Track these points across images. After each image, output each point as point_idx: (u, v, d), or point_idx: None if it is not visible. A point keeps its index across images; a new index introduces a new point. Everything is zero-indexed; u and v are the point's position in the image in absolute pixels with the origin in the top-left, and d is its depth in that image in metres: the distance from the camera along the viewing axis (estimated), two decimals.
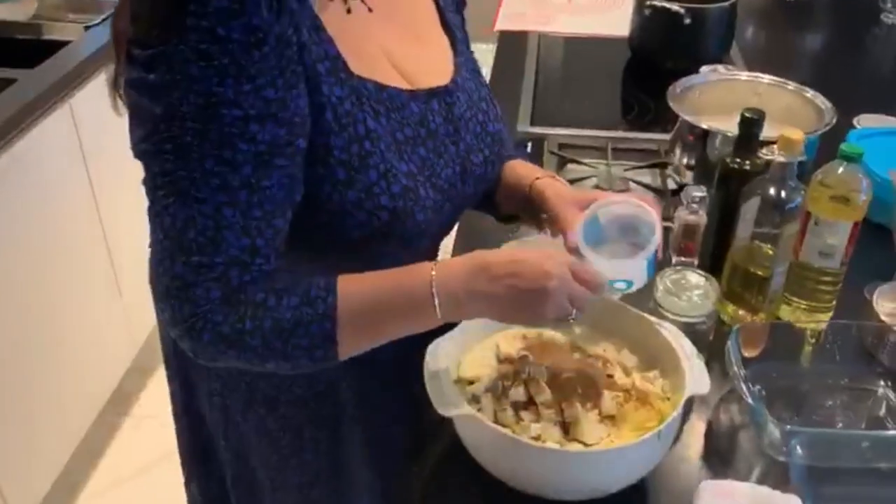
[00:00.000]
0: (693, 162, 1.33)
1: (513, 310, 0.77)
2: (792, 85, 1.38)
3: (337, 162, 0.77)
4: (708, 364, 0.89)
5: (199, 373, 0.97)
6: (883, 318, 1.02)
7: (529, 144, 1.50)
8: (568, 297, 0.76)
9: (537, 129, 1.57)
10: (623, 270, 0.84)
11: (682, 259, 1.18)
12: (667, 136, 1.41)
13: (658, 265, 0.87)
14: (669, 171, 1.39)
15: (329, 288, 0.76)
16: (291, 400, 0.93)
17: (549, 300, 0.75)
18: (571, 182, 1.39)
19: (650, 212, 0.85)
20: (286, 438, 0.96)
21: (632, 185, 1.39)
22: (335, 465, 0.99)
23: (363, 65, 0.80)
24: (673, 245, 1.19)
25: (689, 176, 1.34)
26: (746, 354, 0.97)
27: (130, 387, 2.24)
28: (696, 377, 0.84)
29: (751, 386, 0.91)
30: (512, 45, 1.99)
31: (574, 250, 0.84)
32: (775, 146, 0.98)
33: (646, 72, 1.84)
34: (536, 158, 1.45)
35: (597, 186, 1.39)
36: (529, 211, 0.97)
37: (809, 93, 1.36)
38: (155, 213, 0.74)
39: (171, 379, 1.05)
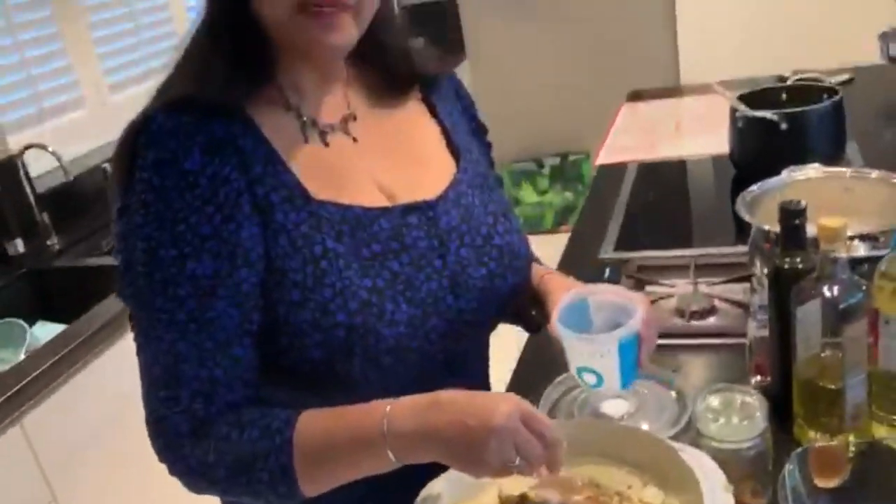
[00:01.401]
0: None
1: (458, 449, 0.72)
2: (876, 174, 1.24)
3: (291, 284, 0.79)
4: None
5: None
6: None
7: (608, 270, 1.43)
8: (514, 444, 0.70)
9: (619, 255, 1.50)
10: (591, 355, 0.81)
11: (758, 380, 1.05)
12: None
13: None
14: (754, 283, 1.26)
15: (289, 421, 0.76)
16: None
17: (492, 441, 0.69)
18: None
19: (634, 301, 0.83)
20: None
21: (717, 302, 1.28)
22: None
23: (332, 188, 0.84)
24: (748, 365, 1.07)
25: None
26: (820, 484, 0.82)
27: None
28: None
29: None
30: (610, 174, 1.95)
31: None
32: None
33: (750, 184, 1.73)
34: (613, 283, 1.38)
35: (678, 307, 1.29)
36: (538, 309, 0.94)
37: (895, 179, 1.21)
38: (136, 353, 0.80)
39: None
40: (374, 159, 0.91)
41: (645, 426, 0.99)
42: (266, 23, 0.83)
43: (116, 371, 1.69)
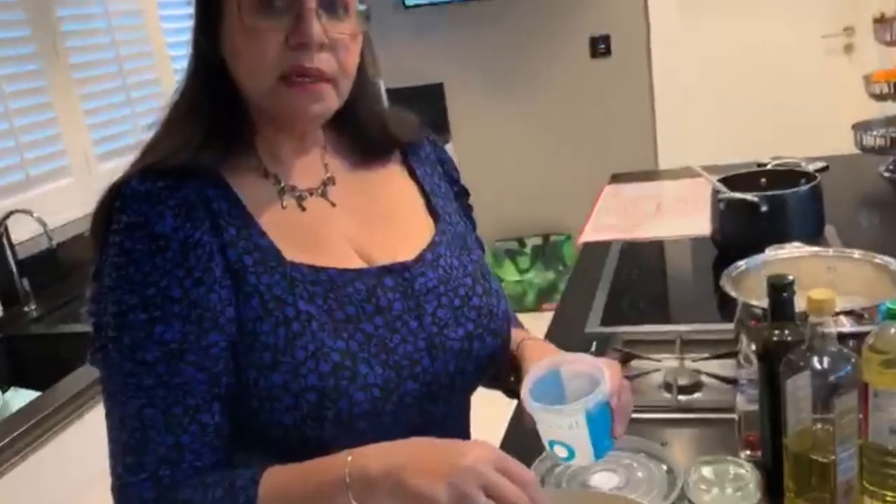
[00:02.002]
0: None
1: (424, 486, 0.70)
2: (858, 253, 1.27)
3: (263, 346, 0.79)
4: None
5: None
6: None
7: (595, 343, 1.44)
8: (482, 484, 0.69)
9: (606, 329, 1.51)
10: (560, 427, 0.80)
11: (749, 454, 1.04)
12: None
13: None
14: (740, 359, 1.27)
15: (254, 479, 0.76)
16: None
17: (457, 479, 0.69)
18: (634, 377, 1.31)
19: (602, 369, 0.82)
20: None
21: (703, 377, 1.29)
22: None
23: (307, 250, 0.85)
24: (738, 439, 1.07)
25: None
26: None
27: None
28: None
29: None
30: (594, 252, 1.98)
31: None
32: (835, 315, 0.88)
33: (732, 263, 1.76)
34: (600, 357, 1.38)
35: (665, 382, 1.29)
36: (516, 375, 0.93)
37: (879, 258, 1.24)
38: (104, 417, 0.80)
39: None
40: (351, 222, 0.92)
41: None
42: (247, 92, 0.86)
43: (90, 439, 1.64)
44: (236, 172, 0.87)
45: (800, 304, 1.02)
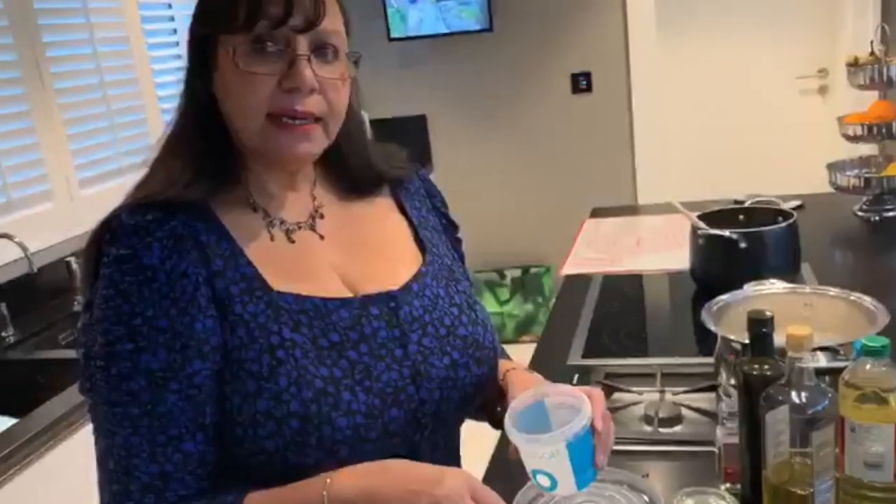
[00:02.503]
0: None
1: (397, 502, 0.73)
2: (833, 291, 1.30)
3: (247, 374, 0.81)
4: None
5: None
6: None
7: (577, 376, 1.45)
8: None
9: (587, 361, 1.53)
10: (541, 457, 0.81)
11: (729, 486, 1.06)
12: None
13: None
14: (720, 392, 1.29)
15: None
16: None
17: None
18: (615, 409, 1.32)
19: (584, 400, 0.83)
20: None
21: (684, 410, 1.30)
22: None
23: (293, 280, 0.87)
24: (718, 471, 1.08)
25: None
26: None
27: None
28: None
29: None
30: (575, 285, 2.00)
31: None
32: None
33: (710, 298, 1.79)
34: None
35: (645, 414, 1.31)
36: (502, 405, 0.94)
37: (854, 296, 1.27)
38: (94, 444, 0.81)
39: None
40: (339, 254, 0.94)
41: None
42: (237, 131, 0.88)
43: (67, 466, 1.62)
44: (226, 206, 0.89)
45: (779, 340, 1.04)
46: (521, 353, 1.61)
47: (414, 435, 0.91)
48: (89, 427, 0.85)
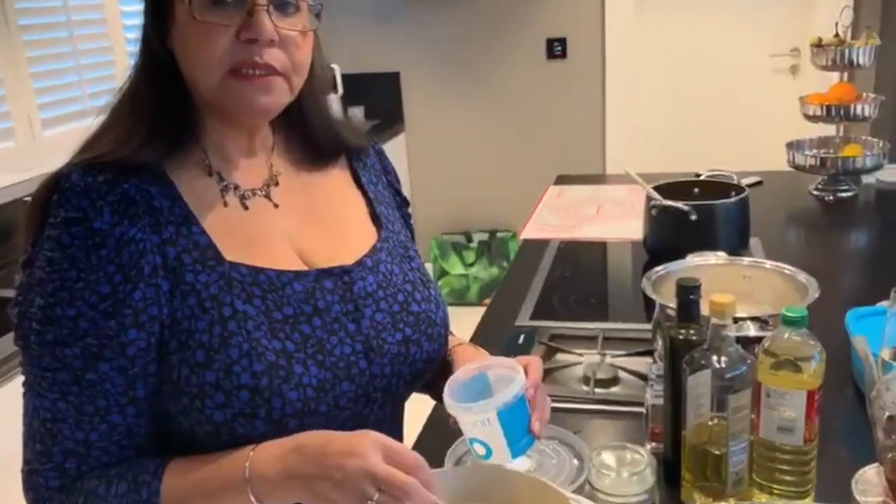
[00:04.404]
0: None
1: (317, 488, 0.74)
2: (769, 264, 1.34)
3: (197, 344, 0.80)
4: None
5: None
6: None
7: (522, 336, 1.49)
8: (371, 479, 0.72)
9: (535, 323, 1.56)
10: (474, 425, 0.83)
11: (654, 445, 1.11)
12: None
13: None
14: (655, 356, 1.33)
15: (156, 472, 0.78)
16: None
17: (347, 479, 0.72)
18: (556, 369, 1.36)
19: (518, 368, 0.85)
20: None
21: (620, 373, 1.35)
22: None
23: (246, 250, 0.86)
24: (645, 432, 1.13)
25: None
26: None
27: None
28: None
29: None
30: (532, 249, 2.04)
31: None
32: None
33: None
34: (527, 349, 1.44)
35: (584, 375, 1.35)
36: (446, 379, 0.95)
37: (788, 269, 1.31)
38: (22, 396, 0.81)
39: None
40: (293, 224, 0.93)
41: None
42: (196, 85, 0.85)
43: (13, 406, 1.63)
44: (180, 169, 0.87)
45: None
46: (481, 317, 1.65)
47: (363, 409, 0.91)
48: None
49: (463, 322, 1.69)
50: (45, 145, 2.49)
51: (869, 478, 0.93)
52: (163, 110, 0.85)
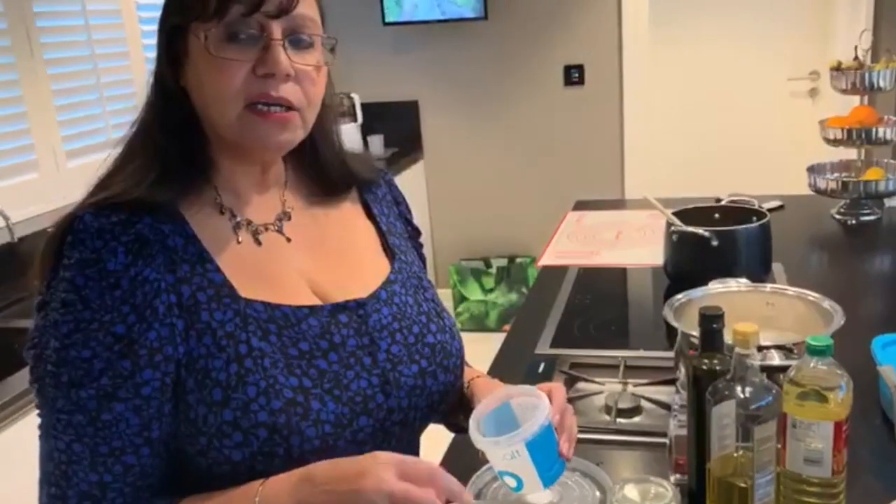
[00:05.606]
0: None
1: None
2: (792, 291, 1.33)
3: (214, 383, 0.80)
4: None
5: None
6: None
7: (542, 364, 1.48)
8: (389, 498, 0.72)
9: (555, 351, 1.55)
10: (503, 458, 0.81)
11: (678, 476, 1.09)
12: None
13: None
14: (678, 385, 1.32)
15: None
16: None
17: (363, 503, 0.72)
18: (577, 399, 1.35)
19: (542, 396, 0.84)
20: None
21: (643, 402, 1.33)
22: None
23: (261, 287, 0.86)
24: (669, 463, 1.11)
25: None
26: None
27: None
28: None
29: None
30: (551, 275, 2.03)
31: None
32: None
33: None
34: (548, 377, 1.43)
35: (606, 404, 1.33)
36: (465, 414, 0.95)
37: (812, 296, 1.29)
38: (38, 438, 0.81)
39: None
40: (306, 259, 0.93)
41: None
42: (211, 121, 0.86)
43: (27, 443, 1.64)
44: (193, 207, 0.87)
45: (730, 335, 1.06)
46: (500, 343, 1.64)
47: (381, 443, 0.90)
48: None
49: (482, 348, 1.68)
50: (69, 177, 2.52)
51: None
52: (174, 149, 0.85)
